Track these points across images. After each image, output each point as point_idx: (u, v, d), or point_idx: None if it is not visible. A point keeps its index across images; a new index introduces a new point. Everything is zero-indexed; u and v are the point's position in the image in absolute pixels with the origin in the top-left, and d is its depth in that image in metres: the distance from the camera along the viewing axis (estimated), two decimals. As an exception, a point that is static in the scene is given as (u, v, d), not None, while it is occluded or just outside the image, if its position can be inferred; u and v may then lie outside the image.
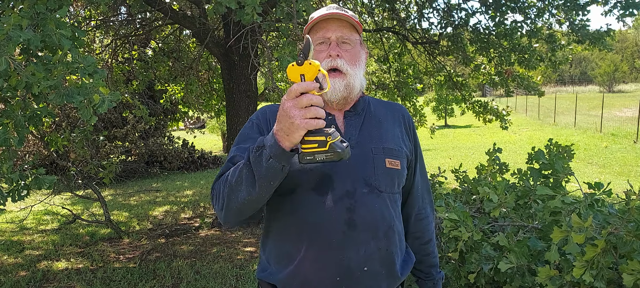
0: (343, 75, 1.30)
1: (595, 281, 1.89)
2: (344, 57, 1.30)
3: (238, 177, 1.16)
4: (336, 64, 1.29)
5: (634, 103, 19.74)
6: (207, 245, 5.26)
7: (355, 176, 1.30)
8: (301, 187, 1.28)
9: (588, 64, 51.62)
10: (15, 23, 2.14)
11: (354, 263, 1.27)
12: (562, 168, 2.54)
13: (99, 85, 2.30)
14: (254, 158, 1.12)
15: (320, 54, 1.31)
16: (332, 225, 1.26)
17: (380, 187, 1.32)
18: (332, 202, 1.27)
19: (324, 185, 1.28)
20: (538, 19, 5.96)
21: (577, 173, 8.47)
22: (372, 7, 7.23)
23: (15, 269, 4.61)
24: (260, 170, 1.11)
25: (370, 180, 1.30)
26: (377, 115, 1.42)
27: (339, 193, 1.28)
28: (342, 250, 1.27)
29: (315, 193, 1.28)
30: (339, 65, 1.29)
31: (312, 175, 1.28)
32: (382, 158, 1.33)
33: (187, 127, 15.92)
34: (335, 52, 1.29)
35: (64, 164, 5.84)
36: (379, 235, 1.31)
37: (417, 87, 7.43)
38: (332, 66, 1.29)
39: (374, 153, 1.33)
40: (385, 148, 1.35)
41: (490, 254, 2.46)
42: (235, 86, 5.78)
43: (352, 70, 1.31)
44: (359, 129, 1.36)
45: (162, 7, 5.35)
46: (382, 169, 1.32)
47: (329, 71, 1.29)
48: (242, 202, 1.17)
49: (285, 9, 3.45)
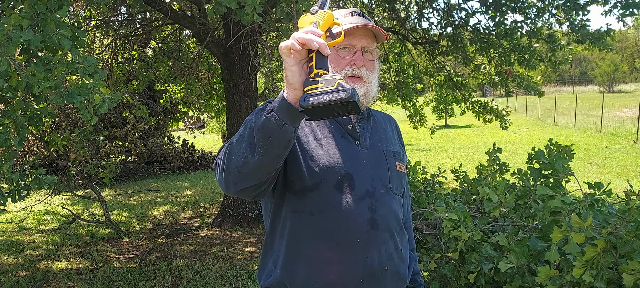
0: (364, 82, 1.30)
1: (595, 281, 1.89)
2: (366, 65, 1.31)
3: (240, 135, 1.09)
4: (360, 73, 1.29)
5: (634, 103, 19.75)
6: (207, 245, 5.27)
7: (374, 176, 1.31)
8: (323, 184, 1.26)
9: (588, 64, 51.63)
10: (16, 23, 2.14)
11: (376, 263, 1.28)
12: (562, 168, 2.54)
13: (100, 86, 2.31)
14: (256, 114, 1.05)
15: (343, 60, 1.29)
16: (356, 224, 1.26)
17: (394, 189, 1.35)
18: (354, 201, 1.26)
19: (345, 183, 1.27)
20: (538, 19, 5.97)
21: (577, 173, 8.48)
22: (372, 7, 7.23)
23: (15, 269, 4.61)
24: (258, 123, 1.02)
25: (386, 182, 1.33)
26: (380, 121, 1.46)
27: (360, 192, 1.27)
28: (365, 250, 1.27)
29: (337, 192, 1.26)
30: (362, 74, 1.29)
31: (333, 173, 1.26)
32: (393, 161, 1.37)
33: (187, 127, 15.92)
34: (361, 63, 1.29)
35: (64, 164, 5.85)
36: (395, 235, 1.34)
37: (417, 87, 7.43)
38: (356, 74, 1.29)
39: (387, 156, 1.36)
40: (394, 152, 1.39)
41: (490, 254, 2.46)
42: (235, 86, 5.78)
43: (372, 78, 1.32)
44: (371, 132, 1.38)
45: (162, 7, 5.35)
46: (394, 172, 1.36)
47: (351, 77, 1.29)
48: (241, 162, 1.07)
49: (285, 9, 3.45)
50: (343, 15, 1.31)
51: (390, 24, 7.26)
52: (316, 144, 1.29)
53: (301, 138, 1.30)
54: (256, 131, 1.02)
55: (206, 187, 9.30)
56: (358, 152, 1.32)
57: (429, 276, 3.15)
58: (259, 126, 1.02)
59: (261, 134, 1.02)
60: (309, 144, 1.29)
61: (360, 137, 1.34)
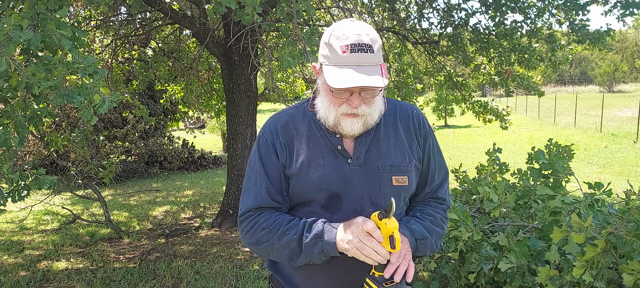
0: (361, 117, 1.29)
1: (595, 281, 1.89)
2: (364, 102, 1.28)
3: (286, 245, 1.29)
4: (356, 112, 1.28)
5: (634, 103, 19.75)
6: (207, 245, 5.27)
7: (363, 195, 1.33)
8: (313, 203, 1.35)
9: (588, 64, 51.62)
10: (16, 23, 2.14)
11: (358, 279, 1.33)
12: (562, 168, 2.54)
13: (100, 86, 2.31)
14: (309, 243, 1.27)
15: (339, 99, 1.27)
16: None
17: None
18: (340, 220, 1.30)
19: (333, 204, 1.34)
20: (538, 19, 5.96)
21: (577, 173, 8.48)
22: (372, 7, 7.23)
23: (15, 269, 4.61)
24: (312, 255, 1.27)
25: (376, 201, 1.33)
26: (388, 125, 1.40)
27: (346, 212, 1.32)
28: (350, 266, 1.33)
29: (326, 211, 1.34)
30: (358, 112, 1.28)
31: (322, 194, 1.33)
32: (388, 177, 1.34)
33: (187, 127, 15.91)
34: (357, 103, 1.27)
35: (64, 164, 5.85)
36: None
37: (417, 87, 7.42)
38: (352, 112, 1.28)
39: (381, 171, 1.34)
40: (393, 165, 1.35)
41: (490, 254, 2.46)
42: (235, 86, 5.78)
43: (371, 109, 1.30)
44: (368, 147, 1.36)
45: (162, 7, 5.35)
46: (389, 188, 1.34)
47: (347, 115, 1.28)
48: (277, 257, 1.34)
49: (285, 9, 3.45)
50: (340, 46, 1.22)
51: (390, 24, 7.26)
52: (308, 165, 1.34)
53: (294, 160, 1.36)
54: (306, 256, 1.28)
55: (206, 187, 9.30)
56: (349, 170, 1.33)
57: (429, 276, 3.16)
58: (311, 258, 1.28)
59: (310, 260, 1.29)
60: (301, 164, 1.35)
61: (353, 155, 1.34)
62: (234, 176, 5.96)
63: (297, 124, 1.39)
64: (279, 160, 1.36)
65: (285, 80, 9.48)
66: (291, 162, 1.35)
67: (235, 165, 5.93)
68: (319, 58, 1.33)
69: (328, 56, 1.26)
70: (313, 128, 1.37)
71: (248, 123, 5.90)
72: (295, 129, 1.38)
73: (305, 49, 3.49)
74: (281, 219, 1.32)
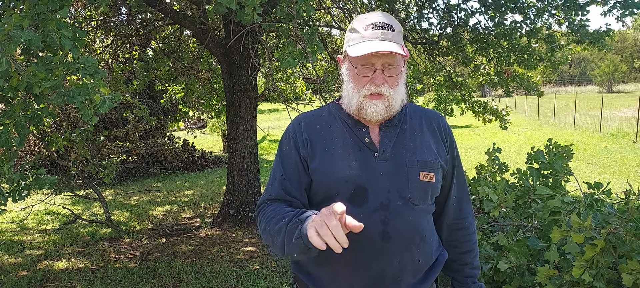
0: (385, 98, 1.30)
1: (594, 280, 1.89)
2: (388, 82, 1.29)
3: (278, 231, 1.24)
4: (379, 91, 1.29)
5: (634, 103, 19.75)
6: (207, 244, 5.27)
7: (390, 188, 1.31)
8: (338, 197, 1.31)
9: (587, 64, 51.62)
10: (16, 23, 2.15)
11: (388, 273, 1.32)
12: (562, 168, 2.54)
13: (100, 86, 2.31)
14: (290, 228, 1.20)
15: (363, 78, 1.30)
16: (366, 237, 1.29)
17: (414, 200, 1.33)
18: (366, 215, 1.29)
19: (358, 197, 1.31)
20: (537, 19, 5.96)
21: (576, 173, 8.49)
22: (372, 7, 7.24)
23: (15, 269, 4.61)
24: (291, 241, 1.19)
25: (405, 193, 1.32)
26: (413, 125, 1.41)
27: (373, 205, 1.30)
28: (377, 261, 1.31)
29: (350, 205, 1.30)
30: (382, 91, 1.29)
31: (347, 187, 1.31)
32: (416, 171, 1.33)
33: (187, 127, 15.92)
34: (381, 81, 1.28)
35: (65, 164, 5.85)
36: (412, 247, 1.34)
37: (417, 87, 7.43)
38: (377, 92, 1.29)
39: (409, 166, 1.33)
40: (420, 161, 1.35)
41: (490, 254, 2.47)
42: (236, 86, 5.79)
43: (394, 92, 1.31)
44: (394, 141, 1.36)
45: (163, 8, 5.35)
46: (417, 182, 1.33)
47: (371, 95, 1.30)
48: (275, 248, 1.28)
49: (285, 9, 3.45)
50: (363, 26, 1.29)
51: (390, 24, 7.26)
52: (332, 158, 1.33)
53: (318, 154, 1.35)
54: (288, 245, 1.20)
55: (206, 187, 9.30)
56: (375, 164, 1.32)
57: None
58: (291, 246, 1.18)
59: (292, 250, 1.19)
60: (325, 159, 1.34)
61: (379, 148, 1.34)
62: (234, 176, 5.96)
63: (323, 120, 1.41)
64: (300, 155, 1.36)
65: (285, 80, 9.49)
66: (315, 155, 1.35)
67: (235, 165, 5.94)
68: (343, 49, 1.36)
69: (351, 38, 1.31)
70: (339, 123, 1.38)
71: (248, 123, 5.90)
72: (319, 124, 1.40)
73: (305, 49, 3.49)
74: (283, 209, 1.31)
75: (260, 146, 15.64)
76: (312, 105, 7.72)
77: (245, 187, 5.96)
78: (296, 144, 1.38)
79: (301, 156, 1.36)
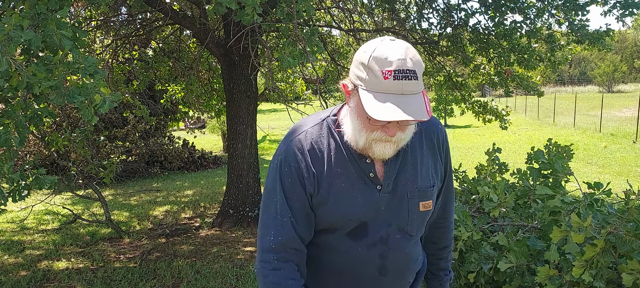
0: (395, 143, 1.20)
1: (594, 281, 1.89)
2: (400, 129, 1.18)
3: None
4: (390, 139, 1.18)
5: (633, 103, 19.75)
6: (207, 244, 5.27)
7: (391, 222, 1.29)
8: (338, 231, 1.28)
9: (587, 64, 51.62)
10: (17, 23, 2.15)
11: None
12: (562, 168, 2.54)
13: (100, 86, 2.31)
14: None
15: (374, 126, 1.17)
16: (364, 271, 1.30)
17: (412, 232, 1.33)
18: (365, 249, 1.29)
19: (359, 232, 1.28)
20: (537, 19, 5.96)
21: (576, 173, 8.48)
22: (372, 7, 7.24)
23: (15, 269, 4.61)
24: None
25: (404, 226, 1.31)
26: (414, 147, 1.32)
27: (373, 239, 1.29)
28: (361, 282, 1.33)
29: (349, 239, 1.29)
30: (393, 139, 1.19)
31: (349, 223, 1.27)
32: (416, 203, 1.30)
33: (187, 127, 15.92)
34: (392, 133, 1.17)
35: (65, 164, 5.85)
36: (407, 274, 1.38)
37: (417, 87, 7.42)
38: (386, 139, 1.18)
39: (410, 197, 1.29)
40: (420, 190, 1.30)
41: (490, 254, 2.47)
42: (236, 86, 5.79)
43: (405, 134, 1.21)
44: (397, 173, 1.28)
45: (163, 8, 5.35)
46: (416, 213, 1.31)
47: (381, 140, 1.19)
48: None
49: (285, 9, 3.45)
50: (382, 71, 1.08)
51: (390, 24, 7.27)
52: (338, 194, 1.25)
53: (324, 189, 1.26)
54: None
55: (206, 187, 9.30)
56: (378, 198, 1.27)
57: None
58: None
59: None
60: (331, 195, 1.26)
61: (383, 181, 1.27)
62: (234, 176, 5.96)
63: (324, 147, 1.26)
64: (306, 191, 1.24)
65: (285, 80, 9.49)
66: (319, 191, 1.24)
67: (235, 165, 5.94)
68: (351, 77, 1.19)
69: (366, 80, 1.12)
70: (342, 152, 1.26)
71: (248, 123, 5.90)
72: (322, 153, 1.26)
73: (305, 49, 3.49)
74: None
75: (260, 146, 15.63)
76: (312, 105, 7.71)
77: (245, 187, 5.96)
78: (301, 178, 1.24)
79: (307, 192, 1.25)
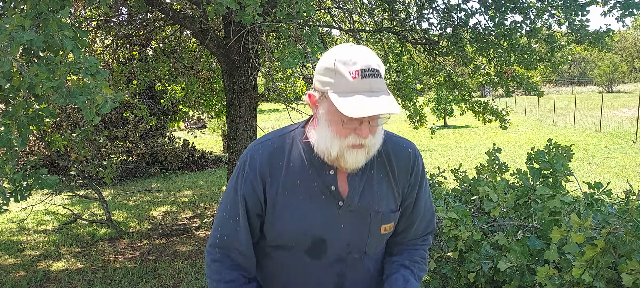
0: (366, 148, 1.20)
1: (594, 281, 1.90)
2: (372, 131, 1.18)
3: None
4: (362, 143, 1.18)
5: (633, 103, 19.76)
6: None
7: (350, 241, 1.27)
8: (295, 248, 1.27)
9: (587, 65, 51.63)
10: (18, 24, 2.15)
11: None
12: (562, 168, 2.55)
13: (102, 86, 2.31)
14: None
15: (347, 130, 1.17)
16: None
17: (371, 252, 1.33)
18: (323, 268, 1.28)
19: (316, 249, 1.26)
20: (537, 19, 5.97)
21: (576, 173, 8.49)
22: (372, 8, 7.24)
23: (15, 269, 4.62)
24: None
25: (363, 247, 1.30)
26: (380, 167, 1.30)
27: (331, 258, 1.28)
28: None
29: (307, 256, 1.27)
30: (365, 143, 1.18)
31: (306, 239, 1.25)
32: (378, 225, 1.28)
33: (187, 127, 15.92)
34: (366, 134, 1.17)
35: (65, 164, 5.85)
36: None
37: (417, 87, 7.44)
38: (359, 143, 1.17)
39: (372, 219, 1.27)
40: (384, 213, 1.28)
41: (490, 253, 2.47)
42: (236, 86, 5.79)
43: (375, 139, 1.21)
44: (361, 191, 1.26)
45: (163, 8, 5.36)
46: (376, 235, 1.30)
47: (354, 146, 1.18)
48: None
49: (285, 9, 3.46)
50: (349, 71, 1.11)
51: (390, 24, 7.27)
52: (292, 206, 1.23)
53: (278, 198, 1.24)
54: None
55: (206, 187, 9.30)
56: (338, 215, 1.24)
57: (429, 276, 3.17)
58: None
59: None
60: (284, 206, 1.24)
61: (346, 196, 1.24)
62: (234, 176, 5.96)
63: (286, 156, 1.25)
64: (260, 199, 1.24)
65: (285, 81, 9.49)
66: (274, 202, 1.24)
67: (235, 165, 5.94)
68: (316, 86, 1.20)
69: (333, 83, 1.13)
70: (304, 164, 1.24)
71: (248, 123, 5.91)
72: (283, 163, 1.25)
73: (305, 49, 3.50)
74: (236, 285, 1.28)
75: (260, 146, 15.59)
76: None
77: (246, 187, 5.95)
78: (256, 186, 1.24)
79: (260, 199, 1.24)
